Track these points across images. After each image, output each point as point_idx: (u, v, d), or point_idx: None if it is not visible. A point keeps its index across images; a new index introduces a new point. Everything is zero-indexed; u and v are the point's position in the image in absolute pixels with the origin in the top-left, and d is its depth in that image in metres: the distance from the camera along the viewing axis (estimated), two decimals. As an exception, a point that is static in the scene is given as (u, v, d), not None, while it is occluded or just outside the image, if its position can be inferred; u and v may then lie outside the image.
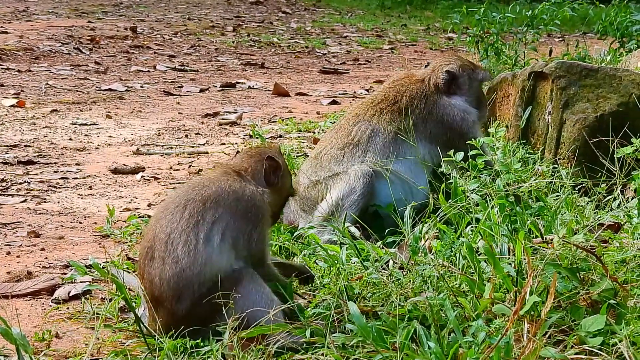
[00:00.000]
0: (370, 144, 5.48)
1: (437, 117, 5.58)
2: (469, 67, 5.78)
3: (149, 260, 3.84)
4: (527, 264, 3.69)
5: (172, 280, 3.77)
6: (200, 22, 19.65)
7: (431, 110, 5.59)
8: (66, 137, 8.91)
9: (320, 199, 5.44)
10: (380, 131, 5.50)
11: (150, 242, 3.86)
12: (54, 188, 7.12)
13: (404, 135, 5.47)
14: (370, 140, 5.49)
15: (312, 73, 14.15)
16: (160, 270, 3.79)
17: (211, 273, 3.75)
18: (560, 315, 3.64)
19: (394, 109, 5.57)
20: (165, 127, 9.60)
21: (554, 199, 5.17)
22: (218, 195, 3.90)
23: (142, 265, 3.87)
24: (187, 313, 3.78)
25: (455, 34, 17.54)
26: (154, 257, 3.82)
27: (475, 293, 3.84)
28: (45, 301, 4.75)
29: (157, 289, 3.80)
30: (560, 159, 5.96)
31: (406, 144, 5.46)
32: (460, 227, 4.66)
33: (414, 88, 5.68)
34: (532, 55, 10.83)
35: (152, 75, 13.08)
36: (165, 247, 3.80)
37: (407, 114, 5.53)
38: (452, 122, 5.58)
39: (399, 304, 3.84)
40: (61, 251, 5.59)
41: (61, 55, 14.18)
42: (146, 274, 3.84)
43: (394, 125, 5.50)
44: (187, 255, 3.76)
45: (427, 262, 4.20)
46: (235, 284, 3.77)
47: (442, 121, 5.58)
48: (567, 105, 6.02)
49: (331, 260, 4.48)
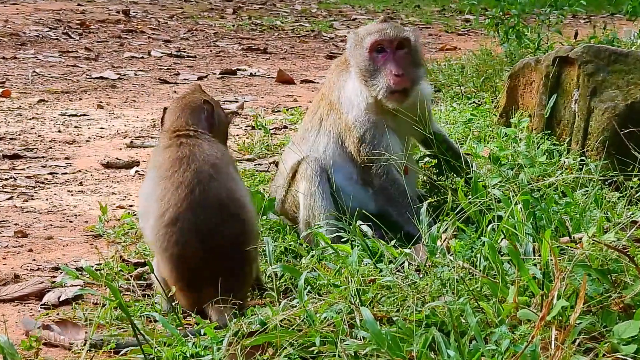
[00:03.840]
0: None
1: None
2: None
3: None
4: (554, 265, 3.68)
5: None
6: (198, 4, 19.64)
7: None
8: (55, 129, 8.91)
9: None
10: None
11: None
12: (42, 184, 7.13)
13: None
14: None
15: (319, 58, 14.13)
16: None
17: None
18: (591, 321, 3.62)
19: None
20: (161, 117, 9.58)
21: (582, 195, 5.15)
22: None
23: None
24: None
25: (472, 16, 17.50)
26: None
27: (498, 297, 3.82)
28: (33, 306, 4.76)
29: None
30: (589, 151, 5.94)
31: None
32: (481, 226, 4.64)
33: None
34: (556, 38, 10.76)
35: (146, 62, 13.08)
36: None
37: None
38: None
39: (415, 309, 3.83)
40: (50, 252, 5.60)
41: (49, 41, 14.18)
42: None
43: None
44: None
45: (446, 263, 4.19)
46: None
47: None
48: (595, 93, 6.00)
49: (342, 262, 4.48)
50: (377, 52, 5.43)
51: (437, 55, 13.23)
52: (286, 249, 5.15)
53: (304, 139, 5.65)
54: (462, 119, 7.78)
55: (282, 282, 4.81)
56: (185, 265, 4.43)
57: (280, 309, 4.07)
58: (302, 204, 5.40)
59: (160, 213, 4.47)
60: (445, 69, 10.84)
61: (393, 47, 5.43)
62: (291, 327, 3.86)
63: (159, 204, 4.49)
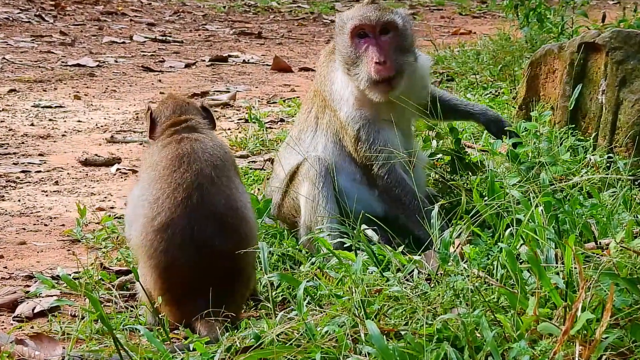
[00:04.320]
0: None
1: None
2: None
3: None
4: (578, 274, 3.70)
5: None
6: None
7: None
8: (27, 122, 8.94)
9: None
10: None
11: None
12: (14, 184, 7.15)
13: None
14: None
15: (319, 44, 14.17)
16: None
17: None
18: (619, 335, 3.64)
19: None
20: (145, 109, 9.61)
21: (610, 196, 5.17)
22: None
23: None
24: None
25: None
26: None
27: (516, 309, 3.84)
28: (5, 319, 4.78)
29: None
30: (617, 147, 5.96)
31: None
32: (498, 230, 4.67)
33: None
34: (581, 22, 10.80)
35: (128, 48, 13.11)
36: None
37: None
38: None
39: (426, 322, 3.85)
40: (23, 259, 5.62)
41: (20, 24, 14.22)
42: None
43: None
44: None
45: (459, 272, 4.21)
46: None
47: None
48: (625, 83, 6.02)
49: (345, 270, 4.50)
50: (358, 37, 5.42)
51: (450, 40, 13.26)
52: (283, 255, 5.17)
53: (299, 139, 5.65)
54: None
55: (279, 292, 4.84)
56: (172, 276, 4.45)
57: (277, 322, 4.09)
58: (304, 208, 5.42)
59: (151, 216, 4.48)
60: (458, 55, 10.88)
61: (376, 31, 5.42)
62: (289, 341, 3.88)
63: (150, 206, 4.50)
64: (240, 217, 4.58)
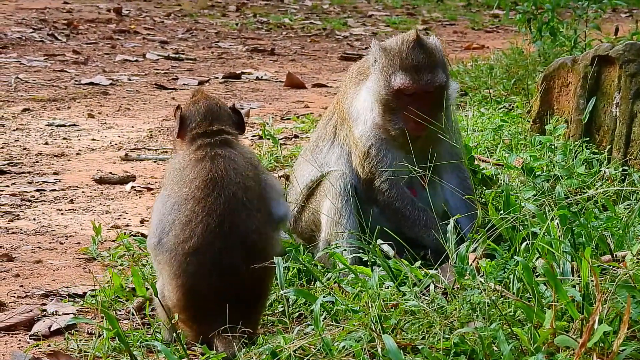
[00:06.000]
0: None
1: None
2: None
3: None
4: (594, 286, 3.70)
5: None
6: (197, 0, 19.73)
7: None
8: (41, 141, 8.98)
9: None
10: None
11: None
12: (29, 202, 7.17)
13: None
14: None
15: (332, 60, 14.19)
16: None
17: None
18: (636, 347, 3.64)
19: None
20: (158, 127, 9.66)
21: (625, 209, 5.17)
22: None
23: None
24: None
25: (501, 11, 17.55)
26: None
27: (533, 322, 3.85)
28: (22, 337, 4.79)
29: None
30: (632, 160, 5.97)
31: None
32: (514, 244, 4.67)
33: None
34: (594, 35, 10.80)
35: (141, 66, 13.15)
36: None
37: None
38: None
39: (442, 336, 3.86)
40: (39, 278, 5.63)
41: (33, 44, 14.27)
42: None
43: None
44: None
45: (476, 285, 4.21)
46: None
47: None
48: (639, 95, 6.03)
49: (361, 285, 4.50)
50: (405, 94, 5.37)
51: (463, 54, 13.28)
52: (300, 270, 5.18)
53: (317, 147, 5.68)
54: (492, 125, 7.80)
55: (295, 307, 4.84)
56: (195, 297, 4.47)
57: (293, 337, 4.10)
58: (325, 223, 5.43)
59: (182, 238, 4.51)
60: (472, 70, 10.88)
61: (423, 91, 5.37)
62: (306, 357, 3.90)
63: (182, 227, 4.52)
64: (268, 242, 4.63)
